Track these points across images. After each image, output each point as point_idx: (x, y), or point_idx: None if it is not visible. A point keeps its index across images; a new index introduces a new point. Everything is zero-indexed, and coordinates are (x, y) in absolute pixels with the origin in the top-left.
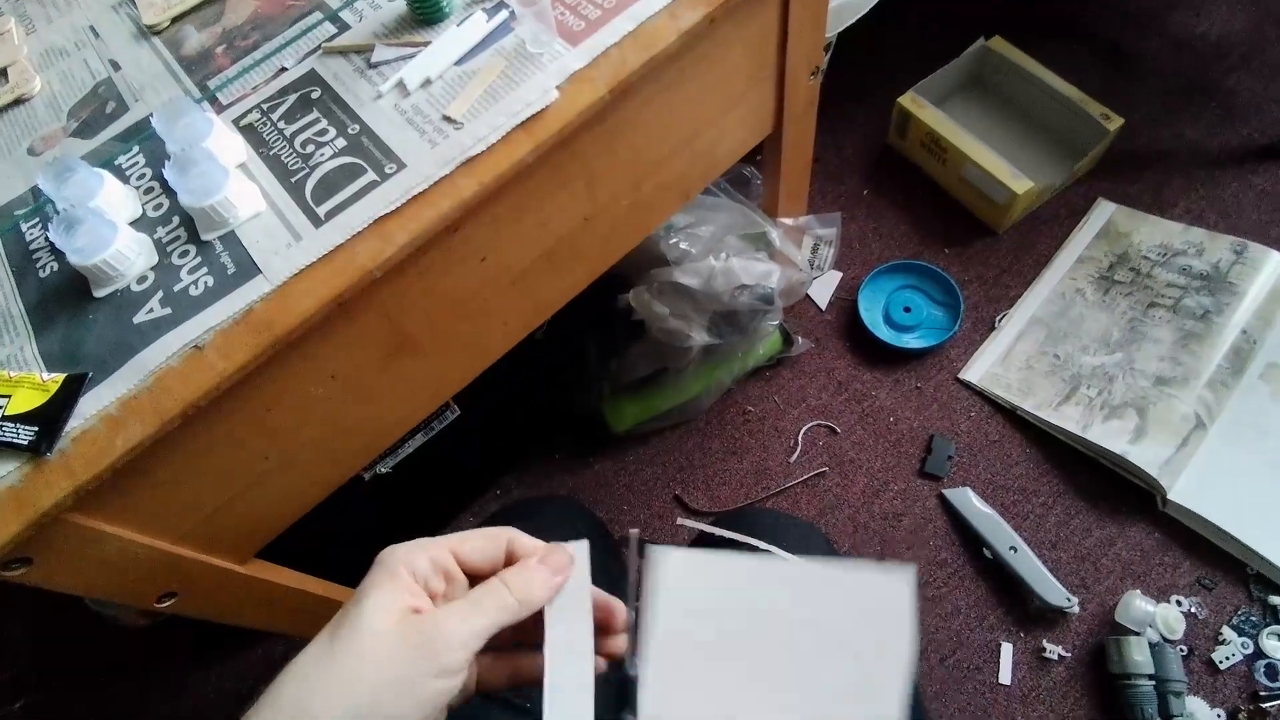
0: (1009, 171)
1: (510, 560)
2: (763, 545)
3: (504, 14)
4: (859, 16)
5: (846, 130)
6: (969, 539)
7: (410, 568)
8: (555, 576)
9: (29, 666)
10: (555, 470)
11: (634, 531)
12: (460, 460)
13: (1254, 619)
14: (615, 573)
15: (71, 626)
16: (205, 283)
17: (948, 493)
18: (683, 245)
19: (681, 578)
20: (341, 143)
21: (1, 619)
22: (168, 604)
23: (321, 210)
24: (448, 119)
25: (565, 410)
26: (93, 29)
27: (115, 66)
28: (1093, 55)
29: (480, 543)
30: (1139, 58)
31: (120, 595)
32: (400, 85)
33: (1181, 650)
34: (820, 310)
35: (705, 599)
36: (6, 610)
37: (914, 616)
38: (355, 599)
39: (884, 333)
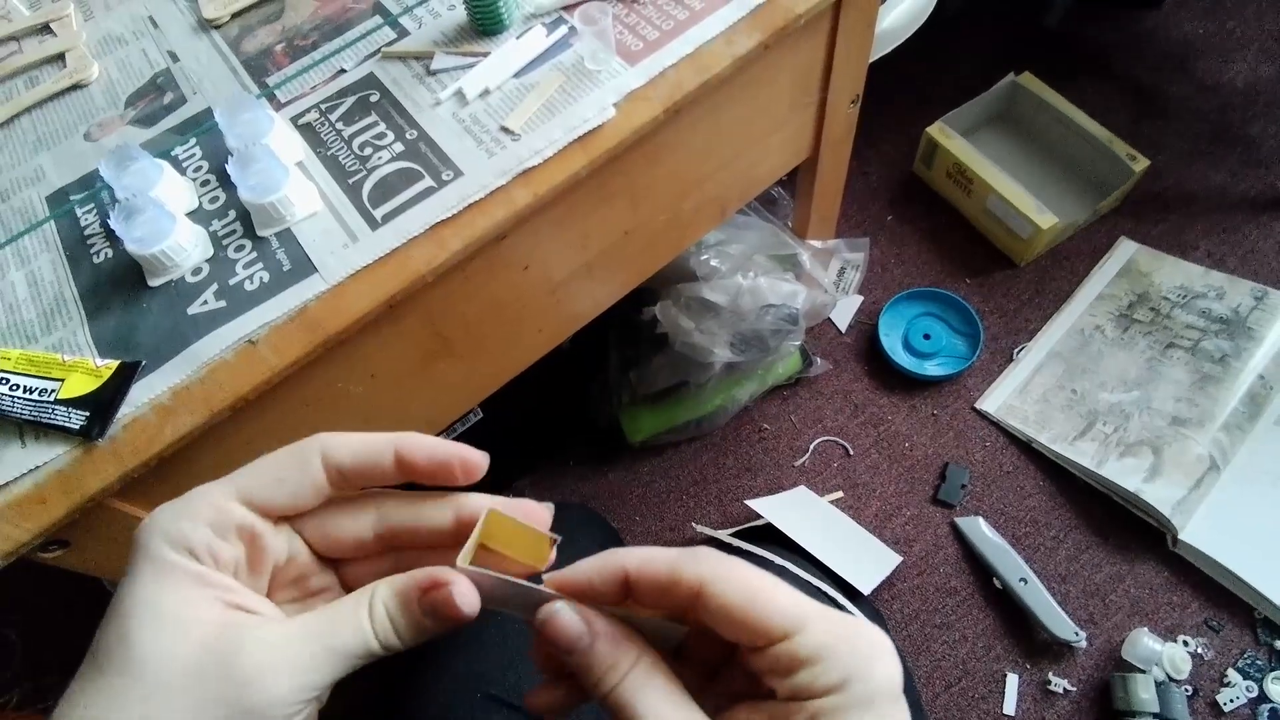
0: (1034, 205)
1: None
2: (776, 559)
3: (563, 29)
4: (894, 46)
5: (873, 156)
6: (979, 568)
7: (183, 545)
8: (464, 604)
9: (23, 658)
10: (568, 477)
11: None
12: None
13: (1260, 663)
14: None
15: (76, 612)
16: (260, 278)
17: (960, 521)
18: (712, 262)
19: None
20: (399, 147)
21: None
22: None
23: (379, 213)
24: (505, 130)
25: (582, 418)
26: (151, 19)
27: (174, 58)
28: (1121, 96)
29: (285, 473)
30: (1167, 100)
31: None
32: (459, 94)
33: (1186, 690)
34: (840, 332)
35: None
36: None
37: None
38: (113, 611)
39: (903, 359)
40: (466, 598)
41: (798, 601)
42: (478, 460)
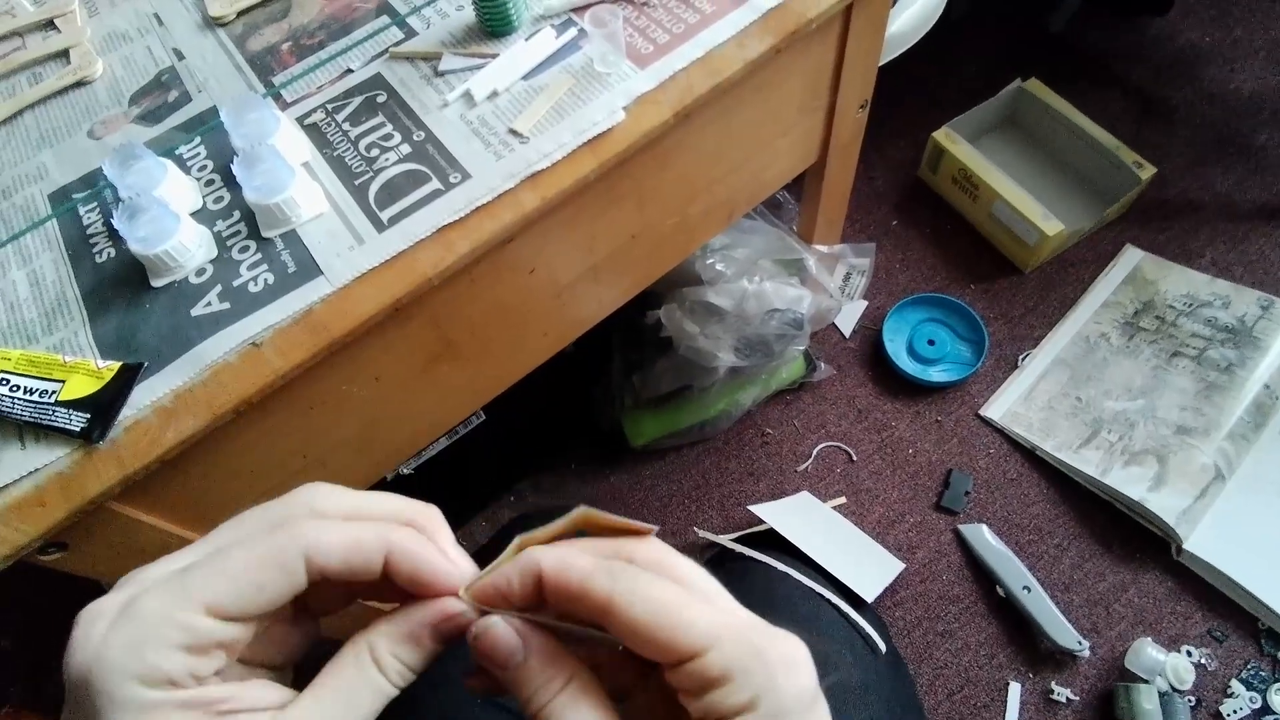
0: (1040, 212)
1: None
2: (778, 565)
3: (573, 32)
4: (901, 52)
5: (879, 161)
6: (982, 576)
7: (159, 680)
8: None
9: (19, 664)
10: (570, 480)
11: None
12: (480, 465)
13: (1264, 674)
14: None
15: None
16: (265, 280)
17: (963, 528)
18: (718, 266)
19: None
20: (406, 149)
21: None
22: None
23: (385, 215)
24: (514, 132)
25: (585, 421)
26: (156, 16)
27: (179, 55)
28: (1127, 102)
29: (265, 578)
30: (1173, 107)
31: None
32: (467, 95)
33: (1190, 701)
34: (844, 337)
35: None
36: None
37: None
38: None
39: (907, 364)
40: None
41: (713, 619)
42: (455, 585)
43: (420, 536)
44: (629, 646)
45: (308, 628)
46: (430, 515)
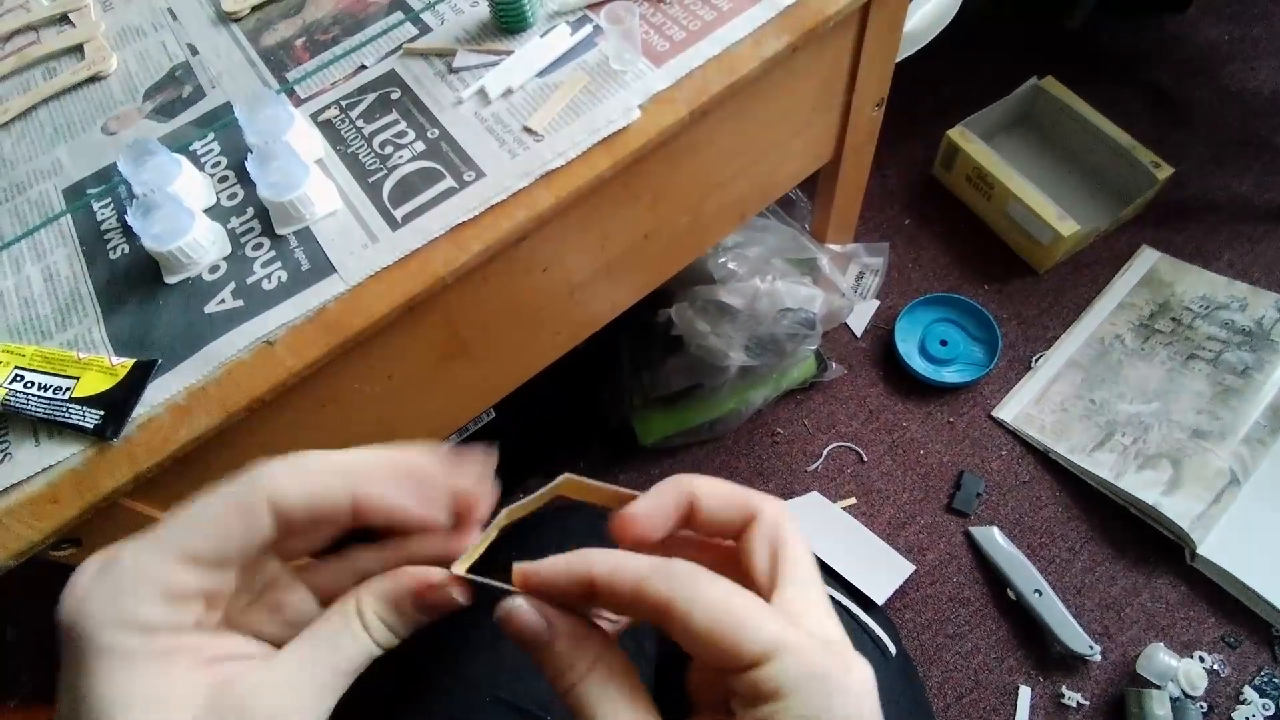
0: (1055, 212)
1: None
2: None
3: (588, 29)
4: (917, 49)
5: (892, 159)
6: (993, 579)
7: (138, 627)
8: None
9: (18, 658)
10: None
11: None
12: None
13: (1277, 680)
14: None
15: None
16: (279, 277)
17: (974, 531)
18: (730, 265)
19: None
20: (420, 146)
21: None
22: None
23: (399, 213)
24: (528, 130)
25: (594, 419)
26: (170, 11)
27: (193, 51)
28: (1144, 101)
29: (230, 527)
30: (1191, 107)
31: None
32: (481, 93)
33: (1202, 707)
34: (855, 337)
35: None
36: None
37: None
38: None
39: (919, 365)
40: (464, 596)
41: (777, 632)
42: (442, 524)
43: (395, 480)
44: (687, 650)
45: (303, 595)
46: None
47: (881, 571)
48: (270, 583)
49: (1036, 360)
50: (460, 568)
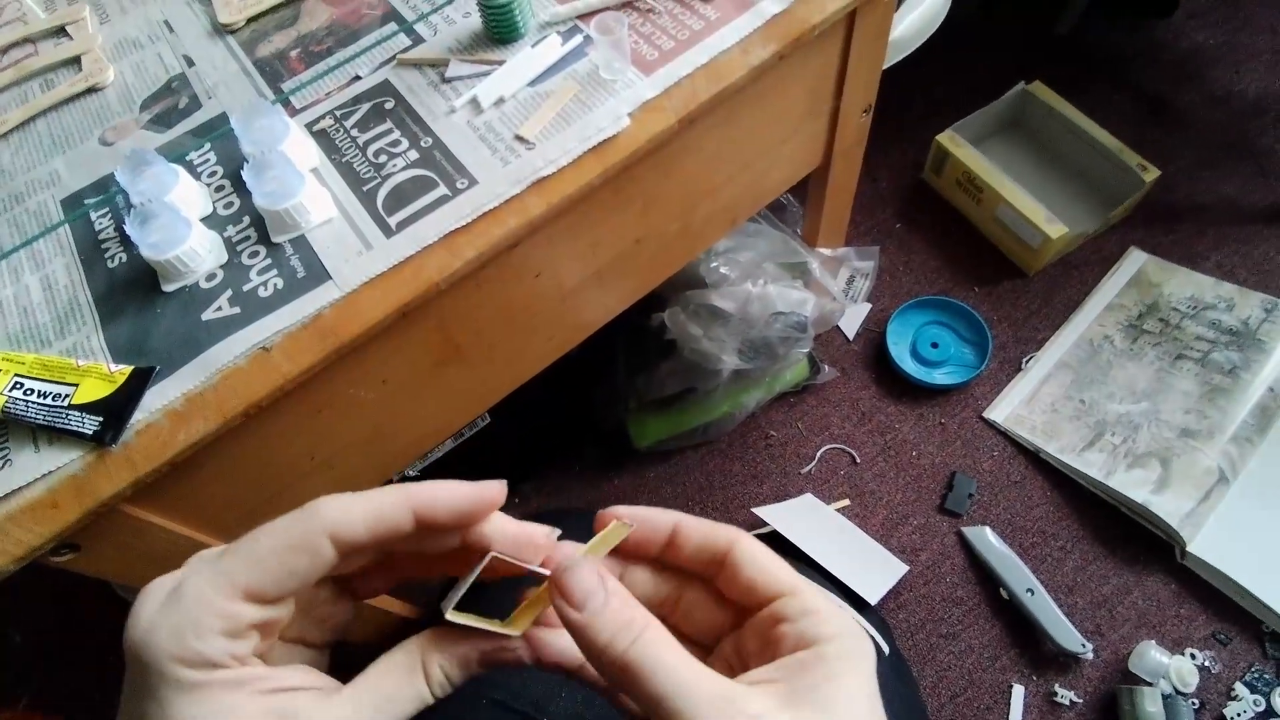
0: (1044, 215)
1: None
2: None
3: (579, 39)
4: (905, 55)
5: (882, 163)
6: (986, 578)
7: (201, 663)
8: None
9: (30, 662)
10: (574, 483)
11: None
12: (484, 467)
13: (1267, 677)
14: None
15: (83, 615)
16: (275, 284)
17: (967, 531)
18: (722, 269)
19: None
20: (414, 155)
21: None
22: None
23: (393, 220)
24: (520, 139)
25: (589, 423)
26: (167, 23)
27: (189, 62)
28: (1132, 105)
29: (294, 562)
30: (1178, 111)
31: None
32: (474, 102)
33: (1193, 704)
34: (848, 340)
35: None
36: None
37: None
38: None
39: (910, 367)
40: (528, 656)
41: (796, 574)
42: (497, 493)
43: (440, 482)
44: (737, 582)
45: (346, 606)
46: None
47: (875, 572)
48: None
49: (1027, 361)
50: (447, 608)
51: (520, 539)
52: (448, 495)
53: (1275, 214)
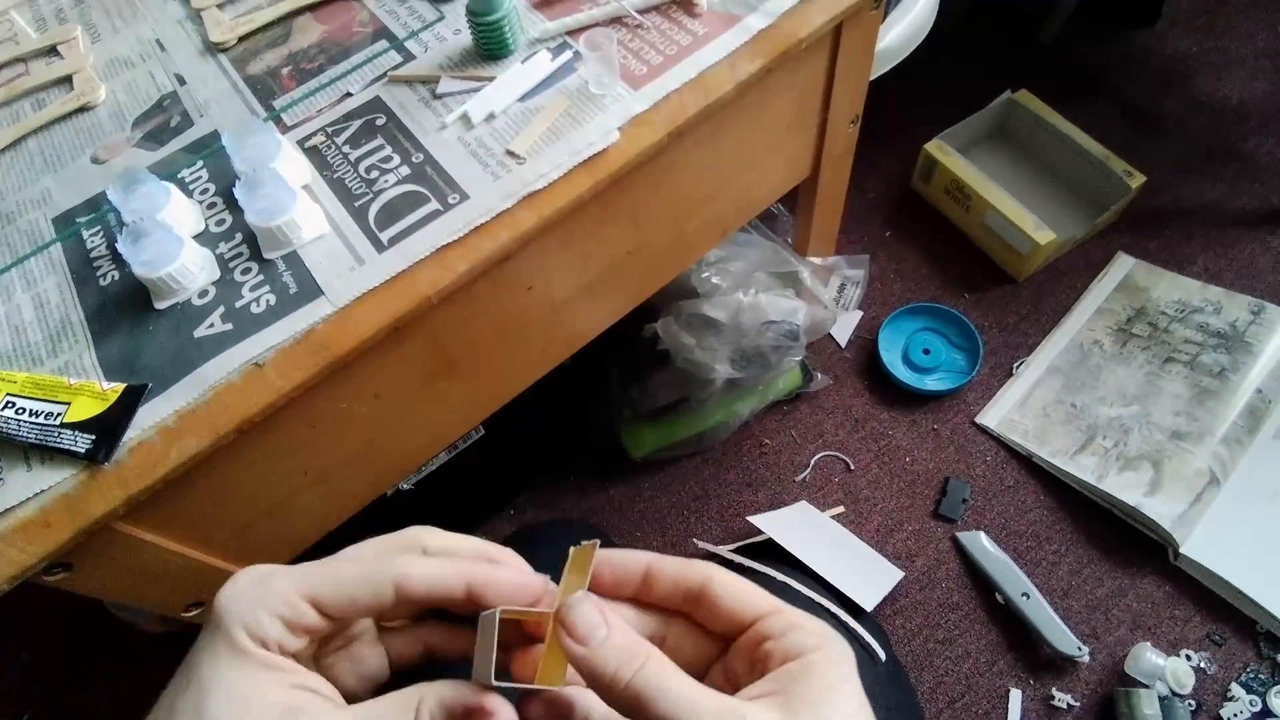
0: (1032, 221)
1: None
2: (778, 575)
3: (568, 54)
4: (891, 66)
5: (871, 172)
6: (981, 583)
7: (258, 636)
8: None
9: (30, 678)
10: (570, 493)
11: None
12: (479, 479)
13: (1263, 677)
14: None
15: (84, 632)
16: (267, 301)
17: (961, 536)
18: (713, 279)
19: None
20: (405, 170)
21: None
22: (194, 613)
23: (385, 235)
24: (511, 153)
25: (583, 434)
26: (159, 42)
27: (180, 80)
28: (1117, 112)
29: (359, 592)
30: (1162, 117)
31: (151, 603)
32: (464, 118)
33: (1190, 705)
34: (840, 348)
35: None
36: (4, 619)
37: None
38: (190, 683)
39: (903, 373)
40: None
41: (765, 592)
42: (540, 587)
43: (496, 566)
44: (716, 614)
45: (381, 656)
46: (505, 551)
47: (871, 579)
48: (358, 636)
49: (1018, 366)
50: (487, 677)
51: (519, 589)
52: (510, 586)
53: (1260, 218)
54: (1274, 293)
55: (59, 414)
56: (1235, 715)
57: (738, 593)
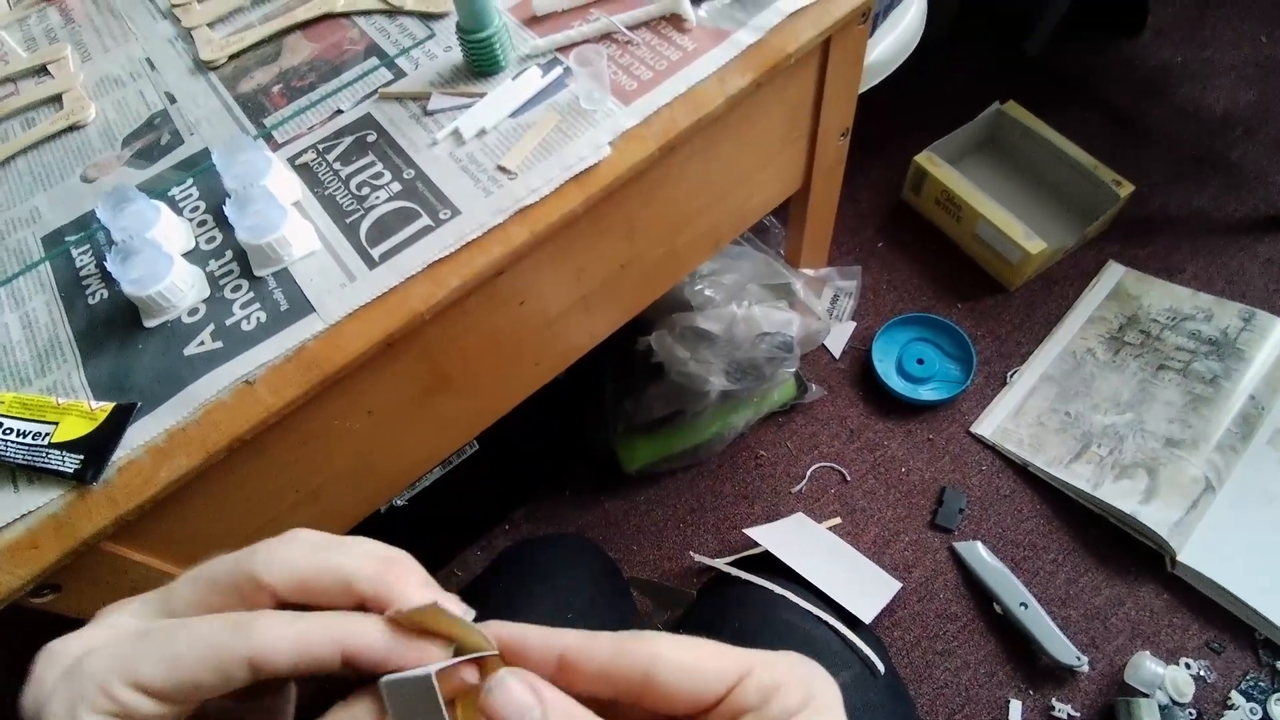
0: (1022, 231)
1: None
2: (775, 588)
3: (559, 70)
4: (880, 79)
5: (862, 184)
6: (979, 593)
7: None
8: None
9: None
10: (565, 507)
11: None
12: (474, 494)
13: (1263, 684)
14: (626, 612)
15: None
16: (258, 318)
17: (958, 546)
18: (707, 292)
19: None
20: (396, 186)
21: None
22: None
23: (376, 252)
24: (502, 169)
25: (578, 447)
26: (149, 61)
27: (171, 99)
28: (1104, 122)
29: (198, 660)
30: (1149, 127)
31: None
32: (456, 134)
33: (1190, 714)
34: (834, 359)
35: None
36: None
37: None
38: None
39: (897, 384)
40: None
41: (735, 651)
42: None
43: (379, 627)
44: (673, 699)
45: (285, 696)
46: (397, 561)
47: (868, 590)
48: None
49: (1011, 376)
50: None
51: (406, 654)
52: (381, 649)
53: (1248, 225)
54: (1264, 299)
55: (47, 434)
56: None
57: (695, 668)
